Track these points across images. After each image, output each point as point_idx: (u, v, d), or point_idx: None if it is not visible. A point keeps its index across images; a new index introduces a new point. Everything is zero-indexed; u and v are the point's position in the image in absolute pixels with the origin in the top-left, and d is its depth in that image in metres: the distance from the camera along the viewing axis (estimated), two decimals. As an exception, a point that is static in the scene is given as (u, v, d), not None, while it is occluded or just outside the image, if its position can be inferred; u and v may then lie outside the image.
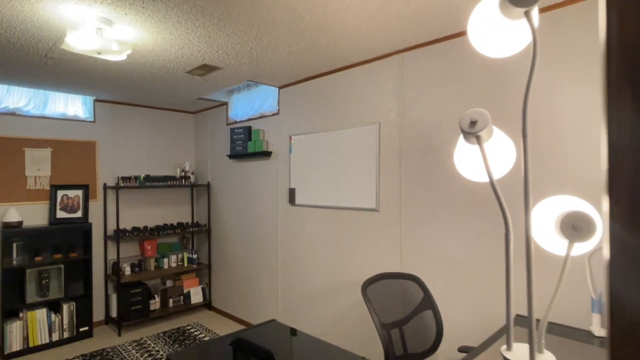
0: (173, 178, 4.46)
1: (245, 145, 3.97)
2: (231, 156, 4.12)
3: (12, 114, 3.63)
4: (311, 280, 3.35)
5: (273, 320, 2.00)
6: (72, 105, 3.99)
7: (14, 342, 3.44)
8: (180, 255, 4.66)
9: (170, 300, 4.49)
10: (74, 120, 4.01)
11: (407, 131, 2.61)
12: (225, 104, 4.42)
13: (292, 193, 3.51)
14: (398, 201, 2.65)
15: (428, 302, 2.10)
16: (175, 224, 4.71)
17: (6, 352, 3.39)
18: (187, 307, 4.45)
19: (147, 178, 4.24)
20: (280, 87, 3.65)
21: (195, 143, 4.97)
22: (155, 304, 4.35)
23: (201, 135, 4.86)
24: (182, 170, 4.71)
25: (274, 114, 3.75)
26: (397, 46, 2.58)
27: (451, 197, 2.37)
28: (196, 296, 4.61)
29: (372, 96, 2.83)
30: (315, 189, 3.27)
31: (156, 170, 4.65)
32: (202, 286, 4.70)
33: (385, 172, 2.74)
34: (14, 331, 3.45)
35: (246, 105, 4.16)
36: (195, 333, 3.92)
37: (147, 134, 4.56)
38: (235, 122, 4.28)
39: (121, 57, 2.27)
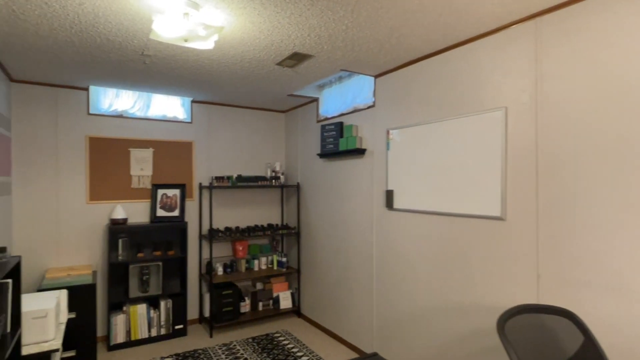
0: (263, 178, 4.35)
1: (337, 143, 3.64)
2: (321, 155, 3.83)
3: (119, 116, 3.82)
4: (413, 298, 2.87)
5: (375, 355, 1.61)
6: (172, 107, 4.10)
7: (119, 334, 3.59)
8: (270, 258, 4.53)
9: (260, 304, 4.37)
10: (173, 122, 4.11)
11: (546, 116, 2.00)
12: (315, 100, 4.17)
13: (389, 196, 3.07)
14: (534, 207, 2.05)
15: (591, 349, 1.50)
16: (265, 225, 4.60)
17: (111, 343, 3.55)
18: (276, 312, 4.28)
19: (239, 178, 4.18)
20: (376, 76, 3.24)
21: (286, 142, 4.82)
22: (245, 306, 4.26)
23: (291, 135, 4.69)
24: (273, 171, 4.58)
25: (368, 107, 3.36)
26: (531, 9, 2.00)
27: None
28: (285, 301, 4.43)
29: (494, 75, 2.27)
30: (418, 191, 2.79)
31: (248, 171, 4.60)
32: (291, 291, 4.50)
33: (514, 169, 2.16)
34: (119, 324, 3.60)
35: (338, 99, 3.84)
36: (284, 342, 3.71)
37: (239, 134, 4.53)
38: (326, 119, 3.99)
39: (208, 44, 2.09)
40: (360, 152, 3.37)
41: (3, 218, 3.02)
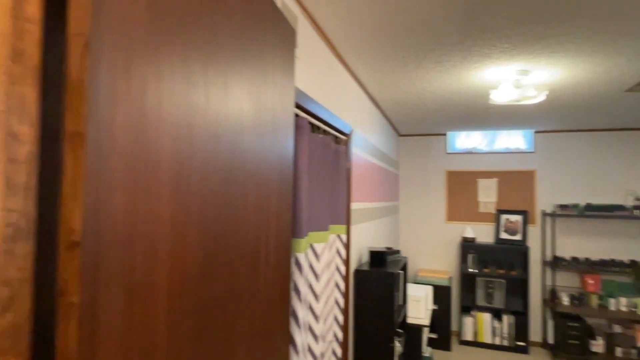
0: (621, 207, 3.90)
1: None
2: None
3: (470, 152, 4.66)
4: None
5: None
6: (515, 139, 4.52)
7: (467, 333, 4.35)
8: (633, 300, 3.95)
9: (619, 350, 3.90)
10: (516, 153, 4.51)
11: None
12: (700, 113, 3.35)
13: None
14: None
15: None
16: (626, 261, 4.06)
17: (462, 338, 4.35)
18: (641, 365, 3.69)
19: (588, 207, 3.99)
20: None
21: (657, 165, 4.06)
22: (597, 346, 3.95)
23: (665, 156, 3.91)
24: (637, 199, 3.99)
25: None
26: None
27: None
28: (656, 356, 3.71)
29: None
30: None
31: (598, 198, 4.24)
32: (665, 346, 3.72)
33: None
34: (468, 324, 4.36)
35: None
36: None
37: (587, 159, 4.28)
38: None
39: (539, 99, 2.46)
40: None
41: (395, 230, 4.51)
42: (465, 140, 4.68)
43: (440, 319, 4.16)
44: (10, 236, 0.39)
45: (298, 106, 1.57)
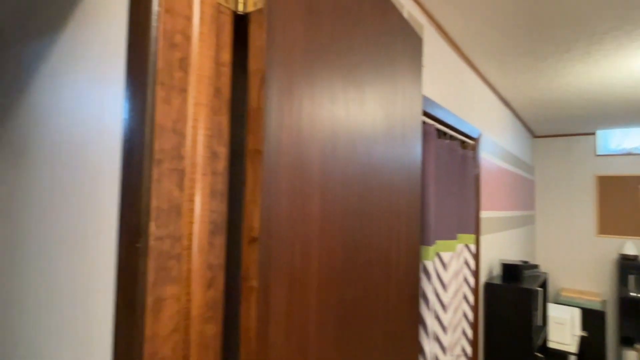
0: None
1: None
2: None
3: (628, 154, 3.92)
4: None
5: None
6: (696, 136, 3.64)
7: (630, 370, 3.62)
8: None
9: None
10: (698, 152, 3.62)
11: None
12: None
13: None
14: None
15: None
16: None
17: (622, 376, 3.64)
18: None
19: None
20: None
21: None
22: None
23: None
24: None
25: None
26: None
27: None
28: None
29: None
30: None
31: None
32: None
33: None
34: (629, 359, 3.64)
35: None
36: None
37: None
38: None
39: None
40: None
41: (531, 242, 4.04)
42: (623, 139, 3.95)
43: (592, 349, 3.56)
44: (212, 231, 0.51)
45: (424, 113, 1.57)
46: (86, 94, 0.58)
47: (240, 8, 0.55)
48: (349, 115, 0.74)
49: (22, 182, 0.77)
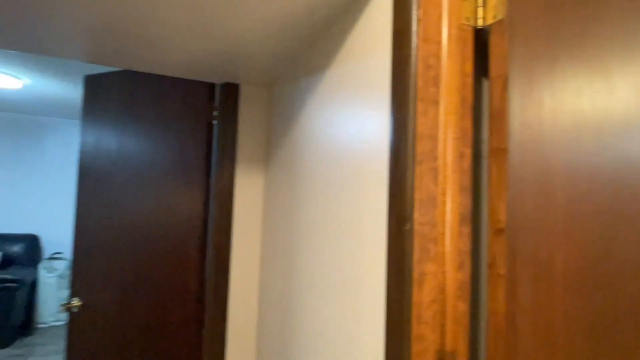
0: None
1: None
2: None
3: None
4: None
5: None
6: None
7: None
8: None
9: None
10: None
11: None
12: None
13: None
14: None
15: None
16: None
17: None
18: None
19: None
20: None
21: None
22: None
23: None
24: None
25: None
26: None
27: None
28: None
29: None
30: None
31: None
32: None
33: None
34: None
35: None
36: None
37: None
38: None
39: None
40: None
41: None
42: None
43: None
44: (460, 221, 0.58)
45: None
46: (351, 112, 0.76)
47: (480, 23, 0.61)
48: (595, 109, 0.69)
49: (297, 185, 1.04)
